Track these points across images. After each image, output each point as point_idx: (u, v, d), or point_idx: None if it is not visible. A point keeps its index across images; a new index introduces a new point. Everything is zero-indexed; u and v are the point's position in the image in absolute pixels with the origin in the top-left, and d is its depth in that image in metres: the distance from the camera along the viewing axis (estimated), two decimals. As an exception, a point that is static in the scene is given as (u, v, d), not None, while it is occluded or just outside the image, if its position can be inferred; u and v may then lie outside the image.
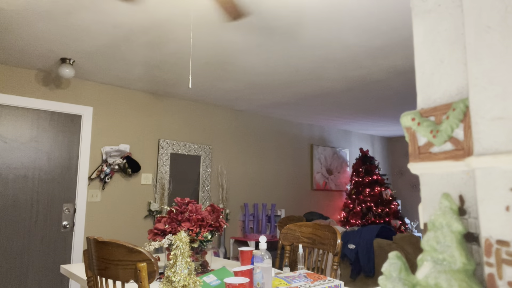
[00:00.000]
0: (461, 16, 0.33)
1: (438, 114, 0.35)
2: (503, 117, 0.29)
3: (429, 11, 0.36)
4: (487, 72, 0.30)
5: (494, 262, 0.29)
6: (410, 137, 0.37)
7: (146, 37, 2.78)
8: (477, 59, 0.31)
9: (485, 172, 0.30)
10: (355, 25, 2.57)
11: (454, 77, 0.34)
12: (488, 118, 0.30)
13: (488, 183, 0.30)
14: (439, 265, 0.31)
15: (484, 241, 0.30)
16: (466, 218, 0.33)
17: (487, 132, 0.30)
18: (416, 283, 0.32)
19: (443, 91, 0.35)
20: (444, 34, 0.35)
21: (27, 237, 3.44)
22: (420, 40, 0.37)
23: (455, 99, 0.34)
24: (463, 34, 0.33)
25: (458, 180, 0.33)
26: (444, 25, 0.35)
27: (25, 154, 3.50)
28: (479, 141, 0.31)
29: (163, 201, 4.26)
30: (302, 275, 1.87)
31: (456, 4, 0.34)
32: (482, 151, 0.30)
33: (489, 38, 0.30)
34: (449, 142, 0.33)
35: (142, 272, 1.24)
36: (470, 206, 0.33)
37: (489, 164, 0.30)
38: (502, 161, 0.29)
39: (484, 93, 0.31)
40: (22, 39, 2.84)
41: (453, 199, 0.33)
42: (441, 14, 0.35)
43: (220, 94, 4.33)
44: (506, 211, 0.29)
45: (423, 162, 0.36)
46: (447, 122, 0.33)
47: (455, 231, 0.31)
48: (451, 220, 0.32)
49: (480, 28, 0.31)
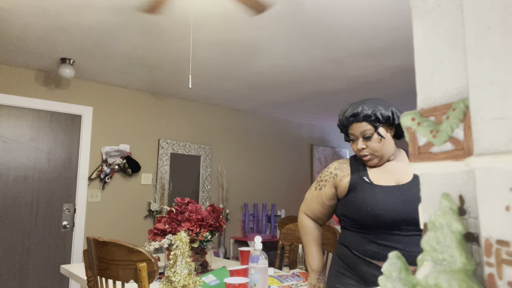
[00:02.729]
0: (461, 16, 0.33)
1: (438, 114, 0.35)
2: (503, 117, 0.29)
3: (429, 11, 0.36)
4: (487, 72, 0.30)
5: (494, 262, 0.29)
6: (410, 137, 0.37)
7: (146, 37, 2.78)
8: (477, 59, 0.31)
9: (485, 172, 0.30)
10: (355, 25, 2.57)
11: (454, 77, 0.34)
12: (488, 118, 0.30)
13: (488, 183, 0.30)
14: (439, 265, 0.31)
15: (484, 241, 0.30)
16: (466, 218, 0.33)
17: (487, 132, 0.30)
18: (416, 283, 0.32)
19: (443, 91, 0.35)
20: (444, 34, 0.35)
21: (27, 237, 3.44)
22: (420, 40, 0.37)
23: (455, 99, 0.34)
24: (463, 34, 0.33)
25: (458, 180, 0.33)
26: (444, 25, 0.35)
27: (25, 154, 3.50)
28: (479, 141, 0.31)
29: (163, 201, 4.26)
30: (295, 274, 1.87)
31: (456, 4, 0.34)
32: (482, 151, 0.30)
33: (489, 38, 0.30)
34: (449, 142, 0.33)
35: (142, 272, 1.24)
36: (470, 206, 0.33)
37: (489, 164, 0.30)
38: (502, 161, 0.29)
39: (484, 93, 0.31)
40: (22, 39, 2.84)
41: (453, 199, 0.33)
42: (441, 14, 0.35)
43: (220, 94, 4.33)
44: (506, 211, 0.29)
45: (423, 162, 0.36)
46: (447, 122, 0.33)
47: (455, 231, 0.31)
48: (451, 220, 0.32)
49: (480, 28, 0.31)
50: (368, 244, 1.41)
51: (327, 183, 1.56)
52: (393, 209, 1.36)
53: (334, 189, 1.54)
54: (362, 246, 1.42)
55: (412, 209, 1.36)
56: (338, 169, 1.56)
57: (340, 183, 1.52)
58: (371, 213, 1.38)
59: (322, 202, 1.57)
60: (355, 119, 1.47)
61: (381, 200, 1.39)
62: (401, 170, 1.50)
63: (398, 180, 1.46)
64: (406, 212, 1.35)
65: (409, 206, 1.37)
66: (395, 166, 1.51)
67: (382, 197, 1.39)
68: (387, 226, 1.36)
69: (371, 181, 1.47)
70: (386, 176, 1.49)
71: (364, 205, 1.40)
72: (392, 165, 1.52)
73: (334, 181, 1.54)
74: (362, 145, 1.47)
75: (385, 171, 1.51)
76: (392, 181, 1.45)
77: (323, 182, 1.58)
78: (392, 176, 1.48)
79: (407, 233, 1.36)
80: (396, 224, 1.36)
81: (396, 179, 1.46)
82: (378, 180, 1.47)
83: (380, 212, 1.37)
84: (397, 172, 1.50)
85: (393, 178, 1.47)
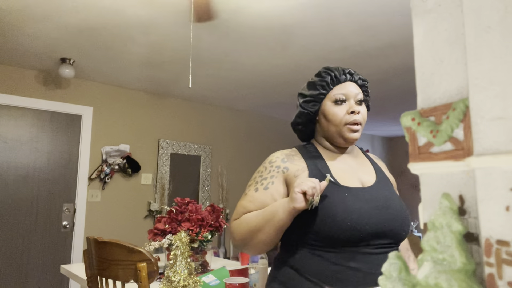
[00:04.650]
0: (461, 16, 0.33)
1: (438, 114, 0.35)
2: (503, 117, 0.29)
3: (429, 11, 0.36)
4: (487, 72, 0.30)
5: (494, 262, 0.29)
6: (410, 137, 0.37)
7: (146, 37, 2.78)
8: (477, 59, 0.31)
9: (485, 172, 0.30)
10: (355, 25, 2.57)
11: (454, 77, 0.34)
12: (488, 118, 0.30)
13: (488, 183, 0.30)
14: (439, 265, 0.31)
15: (484, 241, 0.30)
16: (466, 218, 0.33)
17: (487, 132, 0.30)
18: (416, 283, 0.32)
19: (443, 91, 0.35)
20: (444, 34, 0.35)
21: (27, 237, 3.44)
22: (420, 40, 0.37)
23: (455, 99, 0.34)
24: (463, 34, 0.33)
25: (458, 180, 0.33)
26: (444, 25, 0.35)
27: (25, 154, 3.50)
28: (479, 141, 0.31)
29: (163, 201, 4.26)
30: None
31: (456, 4, 0.34)
32: (482, 151, 0.30)
33: (489, 38, 0.30)
34: (449, 142, 0.33)
35: (142, 272, 1.24)
36: (470, 206, 0.33)
37: (489, 164, 0.30)
38: (502, 161, 0.29)
39: (484, 93, 0.31)
40: (22, 39, 2.84)
41: (453, 199, 0.33)
42: (441, 14, 0.35)
43: (220, 94, 4.33)
44: (506, 211, 0.29)
45: (423, 162, 0.36)
46: (447, 122, 0.33)
47: (455, 231, 0.31)
48: (451, 220, 0.32)
49: (480, 28, 0.31)
50: (328, 265, 1.05)
51: (276, 180, 1.15)
52: (368, 218, 1.05)
53: (286, 188, 1.15)
54: (321, 269, 1.06)
55: (388, 218, 1.08)
56: (288, 161, 1.18)
57: (294, 179, 1.14)
58: (341, 225, 1.03)
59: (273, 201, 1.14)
60: (352, 78, 1.21)
61: (352, 207, 1.06)
62: (361, 167, 1.23)
63: (362, 179, 1.18)
64: (381, 222, 1.06)
65: (384, 215, 1.08)
66: (353, 161, 1.24)
67: (354, 203, 1.07)
68: (357, 241, 1.04)
69: (336, 180, 1.12)
70: (349, 173, 1.18)
71: (331, 213, 1.04)
72: (351, 159, 1.24)
73: (284, 177, 1.15)
74: (357, 108, 1.16)
75: (347, 166, 1.20)
76: (357, 181, 1.16)
77: (269, 179, 1.16)
78: (356, 175, 1.18)
79: (376, 249, 1.07)
80: (367, 238, 1.05)
81: (360, 179, 1.18)
82: (343, 179, 1.14)
83: (353, 223, 1.03)
84: (359, 170, 1.21)
85: (356, 177, 1.18)
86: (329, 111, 1.18)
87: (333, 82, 1.20)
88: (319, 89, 1.20)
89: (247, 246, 1.12)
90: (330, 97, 1.19)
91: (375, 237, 1.06)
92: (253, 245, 1.11)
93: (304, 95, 1.25)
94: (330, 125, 1.19)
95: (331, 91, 1.19)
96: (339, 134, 1.18)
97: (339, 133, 1.18)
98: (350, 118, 1.16)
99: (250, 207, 1.14)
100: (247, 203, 1.15)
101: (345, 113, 1.16)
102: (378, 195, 1.12)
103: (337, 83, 1.20)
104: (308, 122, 1.26)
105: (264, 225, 1.07)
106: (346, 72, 1.21)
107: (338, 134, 1.18)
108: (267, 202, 1.13)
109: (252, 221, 1.10)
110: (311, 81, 1.24)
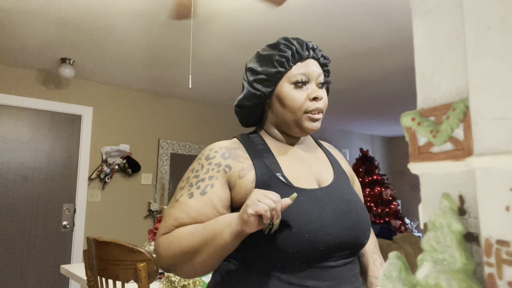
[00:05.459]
0: (461, 16, 0.33)
1: (438, 114, 0.35)
2: (503, 117, 0.29)
3: (429, 11, 0.36)
4: (487, 72, 0.30)
5: (494, 262, 0.29)
6: (410, 137, 0.37)
7: (146, 37, 2.78)
8: (477, 59, 0.31)
9: (485, 172, 0.30)
10: (355, 25, 2.57)
11: (454, 77, 0.34)
12: (488, 118, 0.30)
13: (488, 183, 0.30)
14: (439, 265, 0.31)
15: (484, 241, 0.30)
16: (466, 218, 0.33)
17: (487, 132, 0.30)
18: (416, 283, 0.32)
19: (443, 91, 0.35)
20: (444, 34, 0.35)
21: (27, 237, 3.44)
22: (420, 40, 0.37)
23: (455, 99, 0.34)
24: (463, 34, 0.33)
25: (458, 180, 0.33)
26: (444, 25, 0.35)
27: (25, 154, 3.50)
28: (479, 141, 0.31)
29: (163, 201, 4.26)
30: None
31: (456, 4, 0.34)
32: (482, 151, 0.30)
33: (489, 38, 0.30)
34: (449, 142, 0.33)
35: (142, 272, 1.24)
36: (470, 206, 0.33)
37: (489, 164, 0.30)
38: (502, 161, 0.29)
39: (484, 93, 0.31)
40: (22, 39, 2.84)
41: (453, 199, 0.33)
42: (441, 14, 0.35)
43: (220, 94, 4.33)
44: (506, 211, 0.29)
45: (423, 162, 0.36)
46: (447, 122, 0.33)
47: (455, 231, 0.31)
48: (451, 220, 0.32)
49: (480, 28, 0.31)
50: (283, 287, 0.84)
51: (216, 181, 0.90)
52: (329, 228, 0.85)
53: (229, 191, 0.91)
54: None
55: (351, 226, 0.89)
56: (230, 157, 0.93)
57: (238, 181, 0.90)
58: (297, 237, 0.82)
59: (213, 211, 0.88)
60: (315, 55, 0.98)
61: (311, 215, 0.85)
62: (316, 161, 1.01)
63: (318, 178, 0.97)
64: (343, 231, 0.87)
65: (346, 222, 0.89)
66: (307, 155, 1.02)
67: (311, 209, 0.86)
68: (316, 255, 0.84)
69: (289, 181, 0.91)
70: (304, 171, 0.96)
71: (285, 224, 0.83)
72: (303, 152, 1.02)
73: (226, 178, 0.91)
74: (320, 93, 0.95)
75: (300, 162, 0.98)
76: (313, 181, 0.94)
77: (207, 180, 0.90)
78: (311, 172, 0.97)
79: (337, 262, 0.87)
80: (329, 250, 0.85)
81: (316, 176, 0.96)
82: (297, 179, 0.93)
83: (311, 236, 0.83)
84: (314, 165, 0.99)
85: (312, 174, 0.96)
86: (286, 95, 0.95)
87: (294, 58, 0.96)
88: (277, 66, 0.95)
89: (176, 271, 0.88)
90: (288, 77, 0.95)
91: (337, 249, 0.86)
92: (185, 271, 0.86)
93: (255, 71, 0.98)
94: (286, 112, 0.96)
95: (290, 70, 0.96)
96: (296, 123, 0.96)
97: (297, 122, 0.96)
98: (312, 105, 0.94)
99: (183, 219, 0.88)
100: (179, 213, 0.88)
101: (306, 99, 0.94)
102: (337, 197, 0.92)
103: (298, 59, 0.96)
104: (257, 105, 1.01)
105: (202, 247, 0.82)
106: (310, 47, 0.98)
107: (295, 123, 0.96)
108: (205, 211, 0.87)
109: (186, 241, 0.84)
110: (266, 54, 0.98)
